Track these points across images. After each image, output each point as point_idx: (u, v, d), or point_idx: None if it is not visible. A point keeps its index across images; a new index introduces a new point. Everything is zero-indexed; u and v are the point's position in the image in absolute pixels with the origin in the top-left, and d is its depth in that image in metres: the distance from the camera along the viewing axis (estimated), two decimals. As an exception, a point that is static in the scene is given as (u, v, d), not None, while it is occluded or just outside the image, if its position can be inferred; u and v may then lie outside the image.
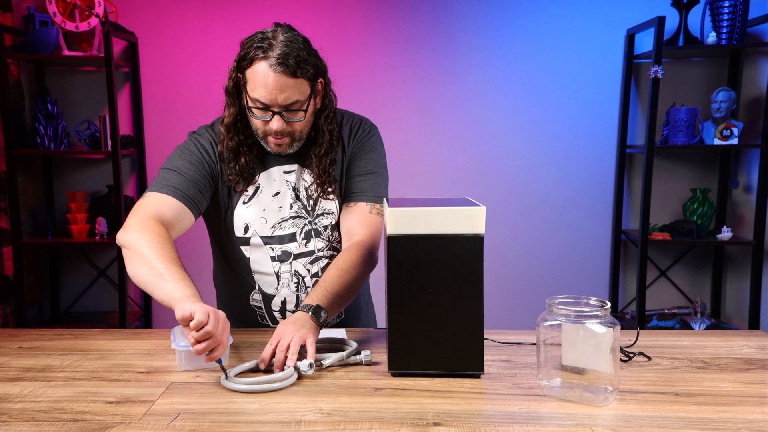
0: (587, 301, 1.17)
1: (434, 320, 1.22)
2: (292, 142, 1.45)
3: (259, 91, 1.35)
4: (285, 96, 1.35)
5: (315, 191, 1.52)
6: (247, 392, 1.16)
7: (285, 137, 1.42)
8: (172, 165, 1.46)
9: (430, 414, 1.08)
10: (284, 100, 1.36)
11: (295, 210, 1.52)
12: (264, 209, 1.51)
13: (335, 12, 3.18)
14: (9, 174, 2.98)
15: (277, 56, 1.32)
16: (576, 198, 3.25)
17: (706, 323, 3.07)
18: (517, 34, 3.15)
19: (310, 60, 1.37)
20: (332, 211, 1.53)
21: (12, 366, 1.34)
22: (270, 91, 1.34)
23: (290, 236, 1.52)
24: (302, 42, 1.38)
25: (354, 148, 1.55)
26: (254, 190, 1.51)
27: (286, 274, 1.54)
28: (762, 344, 1.46)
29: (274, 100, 1.35)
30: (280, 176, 1.51)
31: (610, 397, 1.12)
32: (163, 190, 1.42)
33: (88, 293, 3.37)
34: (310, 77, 1.38)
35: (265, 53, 1.33)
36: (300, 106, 1.39)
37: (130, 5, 3.16)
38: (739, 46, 2.92)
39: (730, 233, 3.00)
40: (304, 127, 1.44)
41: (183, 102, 3.22)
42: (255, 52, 1.34)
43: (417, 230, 1.21)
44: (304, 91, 1.38)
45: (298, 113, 1.39)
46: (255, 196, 1.51)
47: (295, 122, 1.40)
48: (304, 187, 1.52)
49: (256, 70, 1.35)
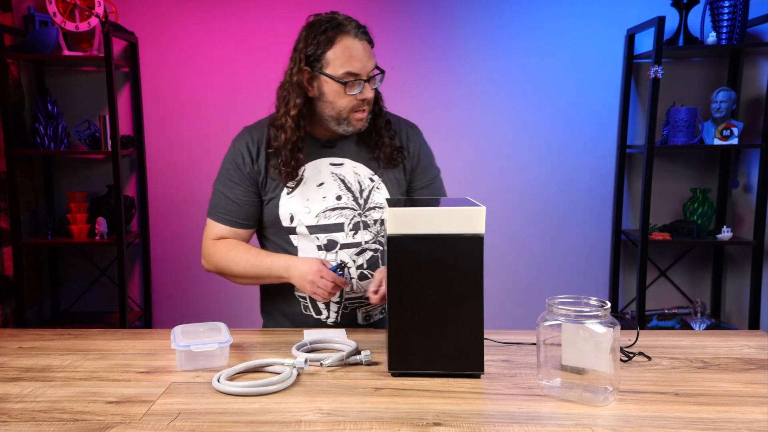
0: (587, 301, 1.18)
1: (434, 320, 1.22)
2: (367, 115, 1.53)
3: (351, 63, 1.44)
4: (372, 62, 1.47)
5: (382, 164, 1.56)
6: (246, 395, 1.16)
7: (367, 108, 1.51)
8: (218, 185, 1.60)
9: (430, 414, 1.08)
10: (371, 65, 1.46)
11: (344, 201, 1.55)
12: (308, 199, 1.54)
13: (335, 12, 3.17)
14: (9, 174, 2.98)
15: (356, 27, 1.44)
16: (576, 198, 3.25)
17: (706, 323, 3.07)
18: (517, 34, 3.15)
19: None
20: (383, 205, 1.56)
21: (12, 366, 1.34)
22: (360, 59, 1.44)
23: (337, 226, 1.55)
24: None
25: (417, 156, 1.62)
26: (297, 182, 1.55)
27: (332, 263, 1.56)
28: (762, 344, 1.46)
29: (365, 67, 1.45)
30: (326, 167, 1.56)
31: (610, 397, 1.12)
32: (214, 217, 1.61)
33: (88, 293, 3.37)
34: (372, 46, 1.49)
35: (344, 28, 1.43)
36: (377, 71, 1.49)
37: (130, 5, 3.16)
38: (739, 46, 2.92)
39: (730, 233, 3.00)
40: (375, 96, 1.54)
41: (183, 102, 3.22)
42: (333, 33, 1.43)
43: (417, 230, 1.21)
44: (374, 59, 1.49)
45: (376, 78, 1.50)
46: (298, 186, 1.55)
47: (374, 90, 1.50)
48: (356, 180, 1.56)
49: (343, 45, 1.43)
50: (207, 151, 3.23)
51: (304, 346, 1.39)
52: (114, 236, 3.08)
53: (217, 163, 1.65)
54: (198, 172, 3.26)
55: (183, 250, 3.31)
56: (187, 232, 3.30)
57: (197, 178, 3.26)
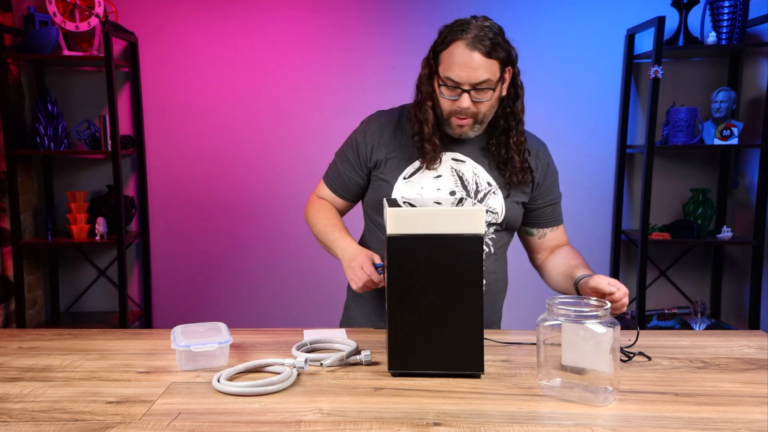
0: (587, 301, 1.18)
1: (434, 320, 1.22)
2: (474, 124, 1.51)
3: (452, 70, 1.43)
4: (477, 74, 1.43)
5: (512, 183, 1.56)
6: (246, 395, 1.16)
7: (469, 118, 1.49)
8: (338, 155, 1.69)
9: (430, 414, 1.08)
10: (476, 78, 1.43)
11: (456, 197, 1.56)
12: (422, 187, 1.56)
13: (336, 12, 3.17)
14: (9, 174, 2.98)
15: (474, 36, 1.42)
16: (576, 198, 3.25)
17: (706, 323, 3.06)
18: (517, 34, 3.12)
19: (503, 45, 1.46)
20: (496, 211, 1.57)
21: (12, 366, 1.34)
22: (463, 68, 1.42)
23: None
24: (498, 29, 1.48)
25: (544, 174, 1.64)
26: (416, 169, 1.57)
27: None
28: (762, 344, 1.46)
29: (466, 78, 1.43)
30: (447, 161, 1.57)
31: (610, 397, 1.12)
32: (325, 179, 1.71)
33: (88, 293, 3.37)
34: (501, 60, 1.45)
35: (462, 34, 1.43)
36: (489, 86, 1.45)
37: (130, 5, 3.16)
38: (739, 46, 2.92)
39: (730, 233, 3.00)
40: (489, 109, 1.50)
41: (183, 102, 3.22)
42: (453, 36, 1.44)
43: (417, 230, 1.21)
44: (494, 72, 1.45)
45: (487, 93, 1.45)
46: (417, 173, 1.56)
47: (482, 102, 1.46)
48: (474, 180, 1.57)
49: (452, 51, 1.44)
50: (207, 151, 3.23)
51: (304, 346, 1.39)
52: (114, 236, 3.08)
53: (216, 163, 1.65)
54: (198, 172, 3.26)
55: (183, 251, 3.31)
56: (187, 232, 3.30)
57: (197, 178, 3.26)
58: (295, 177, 3.22)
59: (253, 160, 3.23)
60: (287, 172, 3.24)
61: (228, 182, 3.25)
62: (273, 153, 3.23)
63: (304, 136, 3.21)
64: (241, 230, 3.30)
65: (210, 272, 3.33)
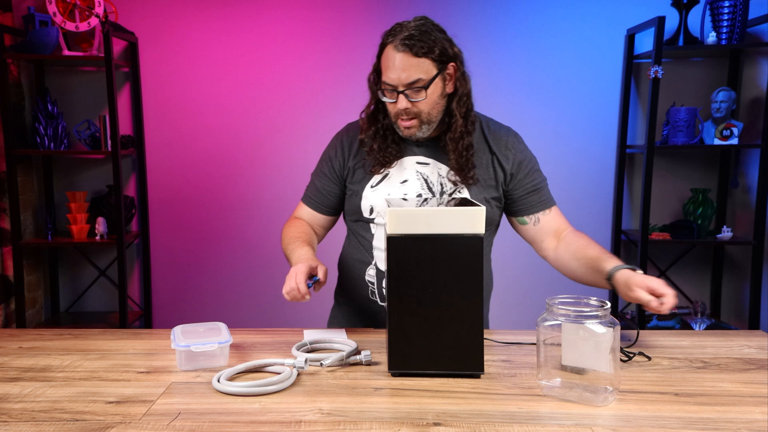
0: (587, 301, 1.17)
1: (434, 320, 1.22)
2: (420, 125, 1.51)
3: (386, 74, 1.46)
4: (407, 75, 1.44)
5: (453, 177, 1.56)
6: (246, 395, 1.16)
7: (412, 119, 1.50)
8: (314, 173, 1.71)
9: (430, 414, 1.08)
10: (407, 78, 1.44)
11: (422, 198, 1.57)
12: (389, 193, 1.57)
13: (335, 12, 3.18)
14: (9, 174, 2.98)
15: (402, 38, 1.43)
16: (576, 198, 3.25)
17: (706, 323, 3.06)
18: (517, 34, 3.15)
19: (437, 43, 1.45)
20: None
21: (12, 366, 1.34)
22: (393, 70, 1.45)
23: None
24: (433, 27, 1.47)
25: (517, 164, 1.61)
26: (383, 176, 1.59)
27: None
28: (762, 344, 1.46)
29: (397, 79, 1.44)
30: (412, 166, 1.58)
31: (610, 397, 1.12)
32: (303, 198, 1.72)
33: (88, 293, 3.37)
34: (434, 58, 1.45)
35: (393, 38, 1.44)
36: (422, 84, 1.45)
37: (130, 5, 3.16)
38: (739, 46, 2.92)
39: (730, 233, 3.00)
40: (431, 108, 1.50)
41: (183, 102, 3.22)
42: (386, 39, 1.46)
43: (417, 230, 1.21)
44: (427, 71, 1.45)
45: (421, 92, 1.46)
46: (383, 181, 1.58)
47: (419, 102, 1.47)
48: (439, 181, 1.57)
49: (385, 55, 1.47)
50: (207, 151, 3.23)
51: (304, 346, 1.39)
52: (114, 236, 3.08)
53: (217, 163, 1.65)
54: (198, 172, 3.26)
55: (183, 251, 3.32)
56: (187, 232, 3.30)
57: (197, 178, 3.26)
58: (294, 176, 3.21)
59: (253, 159, 3.24)
60: (287, 172, 3.24)
61: (228, 182, 3.25)
62: (273, 153, 3.24)
63: (304, 135, 3.21)
64: (241, 230, 3.30)
65: (210, 272, 3.32)
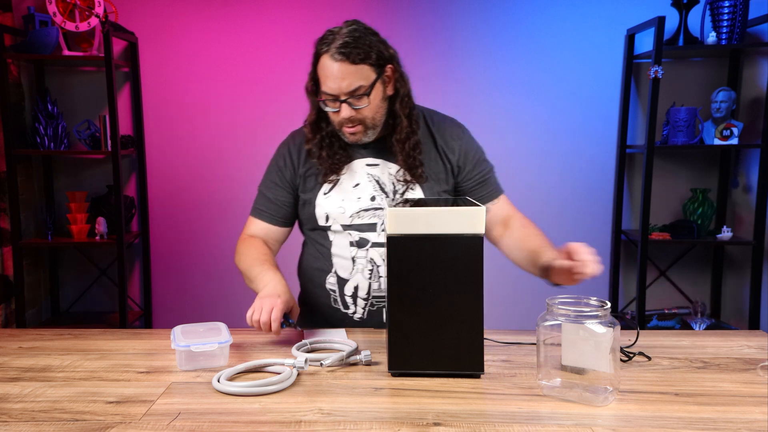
0: (587, 301, 1.17)
1: (434, 320, 1.22)
2: (365, 130, 1.51)
3: (326, 84, 1.45)
4: (348, 83, 1.43)
5: (403, 176, 1.56)
6: (246, 395, 1.16)
7: (357, 125, 1.49)
8: (261, 185, 1.68)
9: (430, 414, 1.08)
10: (347, 87, 1.43)
11: (377, 202, 1.57)
12: (342, 199, 1.57)
13: (335, 12, 3.17)
14: (9, 174, 2.98)
15: (337, 47, 1.42)
16: (576, 198, 3.25)
17: (706, 323, 3.06)
18: (517, 34, 3.15)
19: (372, 47, 1.45)
20: None
21: (12, 366, 1.34)
22: (333, 80, 1.43)
23: (370, 226, 1.57)
24: (366, 31, 1.47)
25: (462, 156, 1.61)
26: (334, 182, 1.58)
27: (362, 260, 1.58)
28: (762, 344, 1.46)
29: (338, 88, 1.44)
30: (362, 168, 1.58)
31: (610, 397, 1.12)
32: (253, 213, 1.69)
33: (88, 293, 3.37)
34: (372, 63, 1.44)
35: (327, 46, 1.43)
36: (364, 91, 1.45)
37: (130, 5, 3.16)
38: (739, 46, 2.92)
39: (730, 233, 3.00)
40: (374, 113, 1.49)
41: (183, 102, 3.22)
42: (320, 48, 1.45)
43: (417, 230, 1.21)
44: (367, 77, 1.44)
45: (363, 99, 1.46)
46: (335, 187, 1.58)
47: (362, 108, 1.46)
48: (391, 181, 1.57)
49: (321, 65, 1.45)
50: (207, 151, 3.23)
51: (304, 346, 1.39)
52: (114, 236, 3.08)
53: (217, 163, 1.65)
54: (198, 172, 3.26)
55: (183, 250, 3.31)
56: (187, 232, 3.30)
57: (197, 178, 3.26)
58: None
59: (253, 159, 3.23)
60: (287, 172, 3.23)
61: (228, 182, 3.25)
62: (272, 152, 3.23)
63: (304, 136, 3.20)
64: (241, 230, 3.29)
65: (210, 272, 3.32)
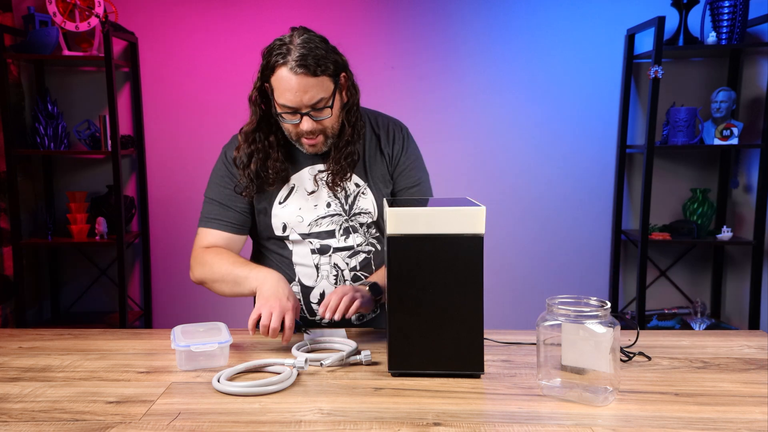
0: (587, 301, 1.17)
1: (434, 320, 1.22)
2: (325, 140, 1.49)
3: (285, 96, 1.40)
4: (309, 96, 1.40)
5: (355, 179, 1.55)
6: (246, 395, 1.16)
7: (318, 136, 1.47)
8: (210, 194, 1.61)
9: (430, 414, 1.08)
10: (309, 100, 1.40)
11: (333, 208, 1.56)
12: (300, 208, 1.55)
13: (335, 12, 3.17)
14: (9, 174, 2.98)
15: (296, 59, 1.37)
16: (576, 198, 3.25)
17: (706, 323, 3.07)
18: (517, 34, 3.15)
19: (329, 56, 1.41)
20: (369, 211, 1.57)
21: (12, 366, 1.34)
22: (294, 93, 1.39)
23: (329, 233, 1.57)
24: (319, 41, 1.42)
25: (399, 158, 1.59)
26: (289, 191, 1.55)
27: (325, 266, 1.57)
28: (762, 344, 1.46)
29: (299, 101, 1.40)
30: (313, 176, 1.56)
31: (610, 397, 1.12)
32: (206, 224, 1.59)
33: (88, 293, 3.37)
34: (331, 74, 1.42)
35: (284, 58, 1.38)
36: (326, 103, 1.43)
37: (130, 5, 3.16)
38: (739, 46, 2.92)
39: (730, 233, 3.00)
40: (334, 123, 1.48)
41: (183, 102, 3.22)
42: (275, 59, 1.39)
43: (417, 230, 1.21)
44: (327, 88, 1.42)
45: (325, 110, 1.44)
46: (290, 195, 1.56)
47: (324, 120, 1.44)
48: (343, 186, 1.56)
49: (279, 77, 1.39)
50: (207, 151, 3.22)
51: (304, 346, 1.39)
52: (114, 236, 3.08)
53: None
54: (198, 172, 3.25)
55: (183, 250, 3.30)
56: (187, 232, 3.29)
57: (197, 178, 3.25)
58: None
59: (253, 160, 3.23)
60: (287, 172, 3.24)
61: (228, 182, 3.25)
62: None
63: (304, 136, 3.21)
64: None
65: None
